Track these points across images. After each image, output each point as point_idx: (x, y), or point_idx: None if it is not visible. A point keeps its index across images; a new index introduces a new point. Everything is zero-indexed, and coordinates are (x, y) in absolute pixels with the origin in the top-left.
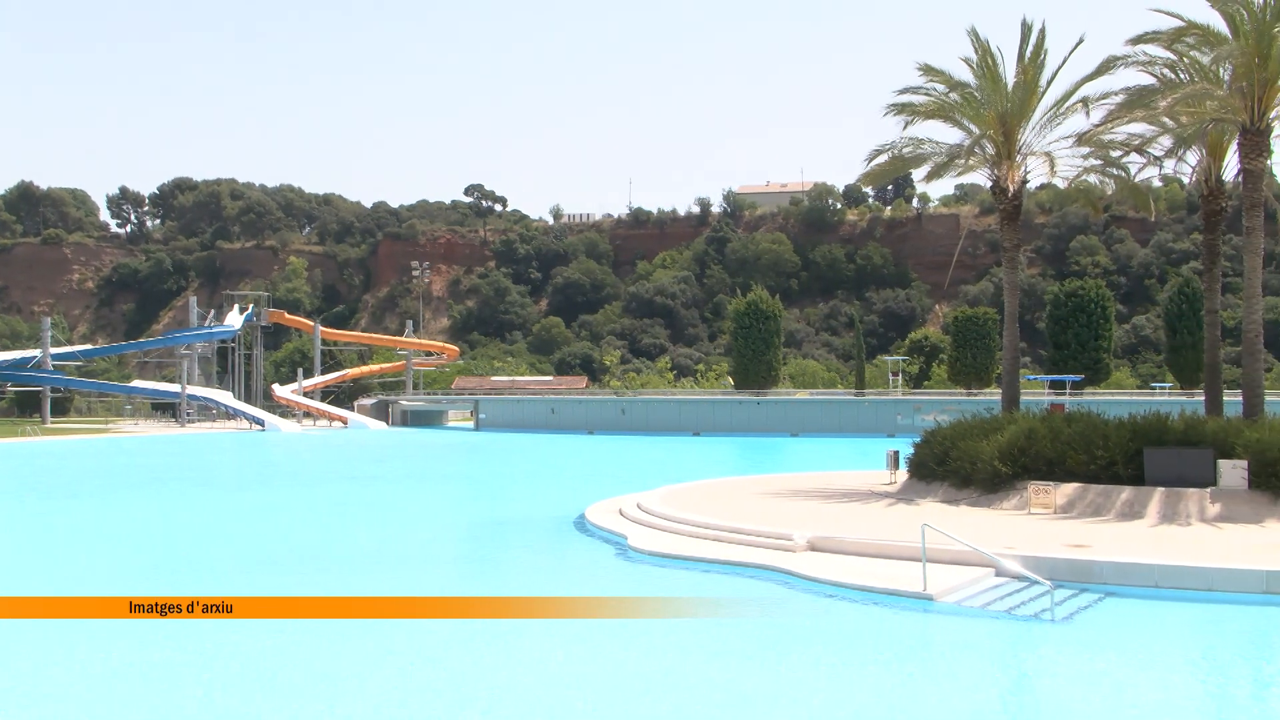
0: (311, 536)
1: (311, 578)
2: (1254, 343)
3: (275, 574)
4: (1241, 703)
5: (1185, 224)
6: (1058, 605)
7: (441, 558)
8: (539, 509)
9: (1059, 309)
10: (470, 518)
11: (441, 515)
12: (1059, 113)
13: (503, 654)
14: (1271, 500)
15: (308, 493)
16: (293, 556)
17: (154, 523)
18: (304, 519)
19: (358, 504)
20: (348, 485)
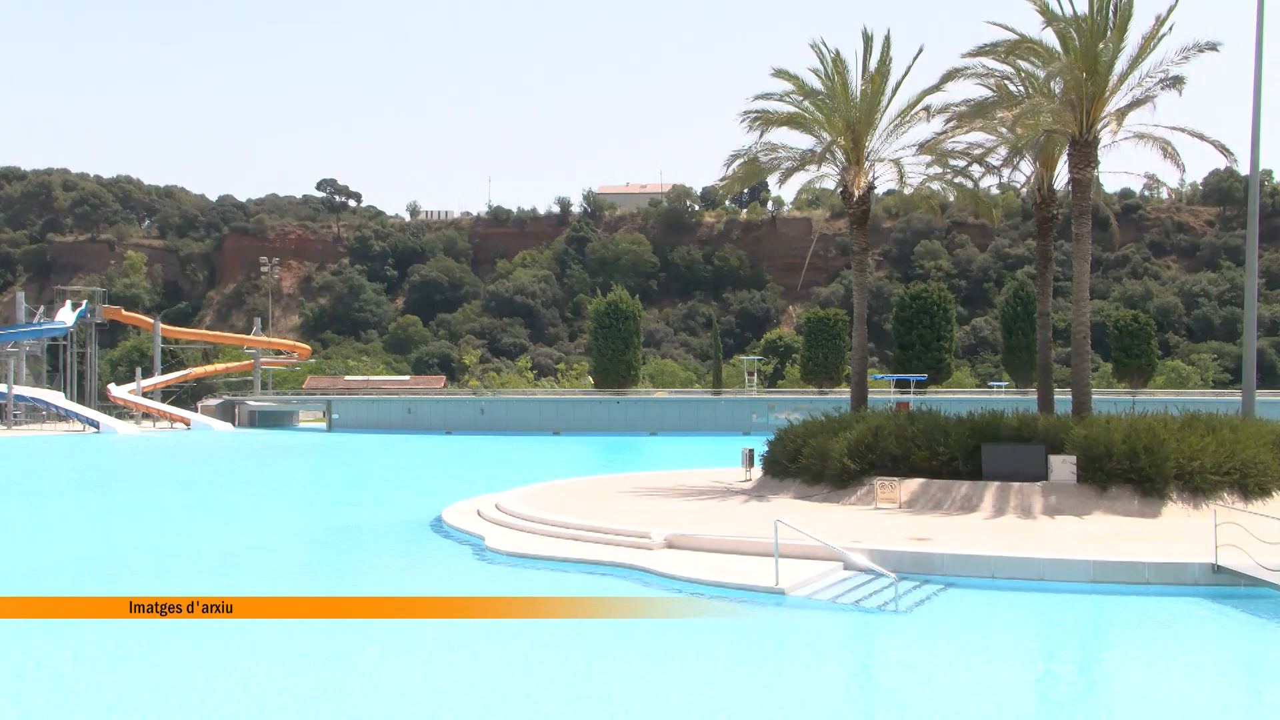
0: (140, 542)
1: (135, 586)
2: (1082, 344)
3: (98, 580)
4: (1069, 687)
5: (1020, 230)
6: (902, 597)
7: (288, 564)
8: (394, 511)
9: (904, 311)
10: (320, 522)
11: (288, 519)
12: (904, 121)
13: (352, 656)
14: (1098, 493)
15: (141, 497)
16: (116, 562)
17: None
18: (135, 524)
19: (196, 509)
20: (186, 489)
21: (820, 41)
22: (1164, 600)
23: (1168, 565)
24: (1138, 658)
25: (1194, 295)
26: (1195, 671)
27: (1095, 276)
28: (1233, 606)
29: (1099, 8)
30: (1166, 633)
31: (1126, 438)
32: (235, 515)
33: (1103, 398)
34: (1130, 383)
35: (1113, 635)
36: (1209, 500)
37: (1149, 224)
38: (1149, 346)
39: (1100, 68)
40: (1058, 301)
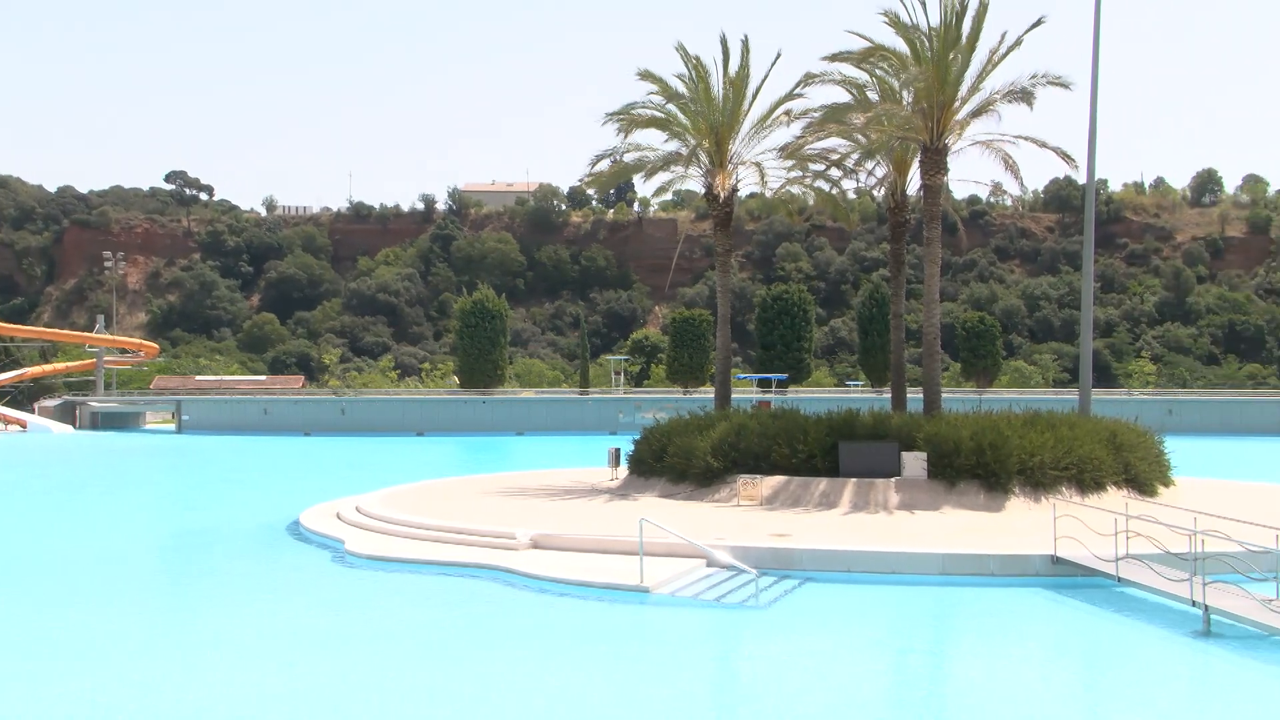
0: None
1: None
2: (932, 345)
3: None
4: (919, 676)
5: (876, 234)
6: (762, 592)
7: (133, 572)
8: (248, 515)
9: (766, 312)
10: (168, 527)
11: (134, 525)
12: (765, 125)
13: (203, 662)
14: (947, 488)
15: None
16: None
17: None
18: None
19: (31, 515)
20: (20, 493)
21: (682, 45)
22: (1008, 591)
23: (1011, 557)
24: (983, 646)
25: (1035, 298)
26: (1035, 658)
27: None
28: (1070, 595)
29: (950, 20)
30: (1009, 622)
31: (973, 435)
32: (76, 521)
33: (952, 396)
34: (977, 382)
35: (960, 625)
36: (1049, 494)
37: (994, 229)
38: (994, 347)
39: (950, 78)
40: (910, 303)
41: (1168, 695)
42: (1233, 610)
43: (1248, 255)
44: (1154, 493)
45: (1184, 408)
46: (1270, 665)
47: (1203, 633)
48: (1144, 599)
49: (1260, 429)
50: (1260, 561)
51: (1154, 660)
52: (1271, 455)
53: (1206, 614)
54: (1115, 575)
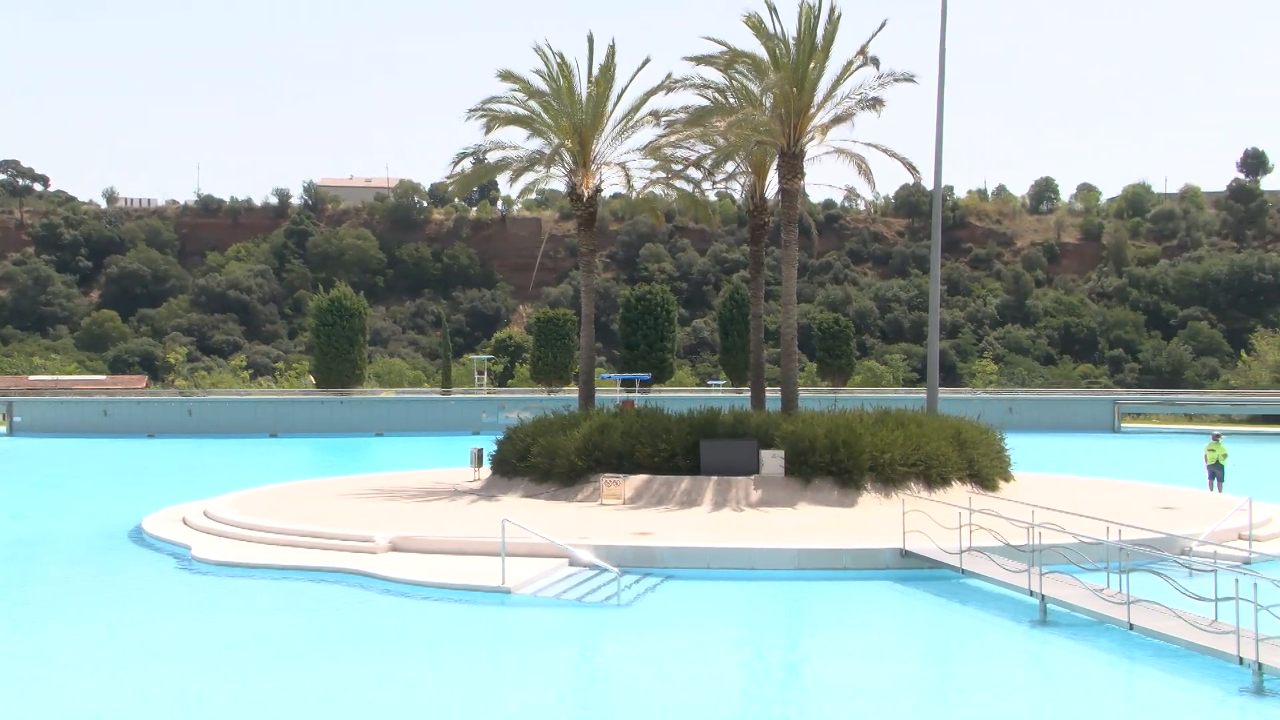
0: None
1: None
2: (790, 345)
3: None
4: (774, 668)
5: (736, 236)
6: (624, 590)
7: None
8: (86, 522)
9: (630, 311)
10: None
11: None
12: (628, 126)
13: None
14: (803, 485)
15: None
16: None
17: None
18: None
19: None
20: None
21: (545, 44)
22: (859, 584)
23: (863, 551)
24: (835, 639)
25: (887, 300)
26: (884, 649)
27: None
28: (917, 587)
29: (806, 28)
30: (860, 614)
31: (828, 433)
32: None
33: (809, 395)
34: (832, 381)
35: (814, 619)
36: (898, 490)
37: (849, 233)
38: (849, 347)
39: (807, 85)
40: (770, 304)
41: (1007, 682)
42: (1067, 599)
43: (1081, 260)
44: (995, 488)
45: (1023, 406)
46: (1101, 651)
47: (1040, 621)
48: (986, 589)
49: (1092, 426)
50: (1092, 552)
51: (994, 648)
52: (1103, 451)
53: (1043, 603)
54: (959, 567)
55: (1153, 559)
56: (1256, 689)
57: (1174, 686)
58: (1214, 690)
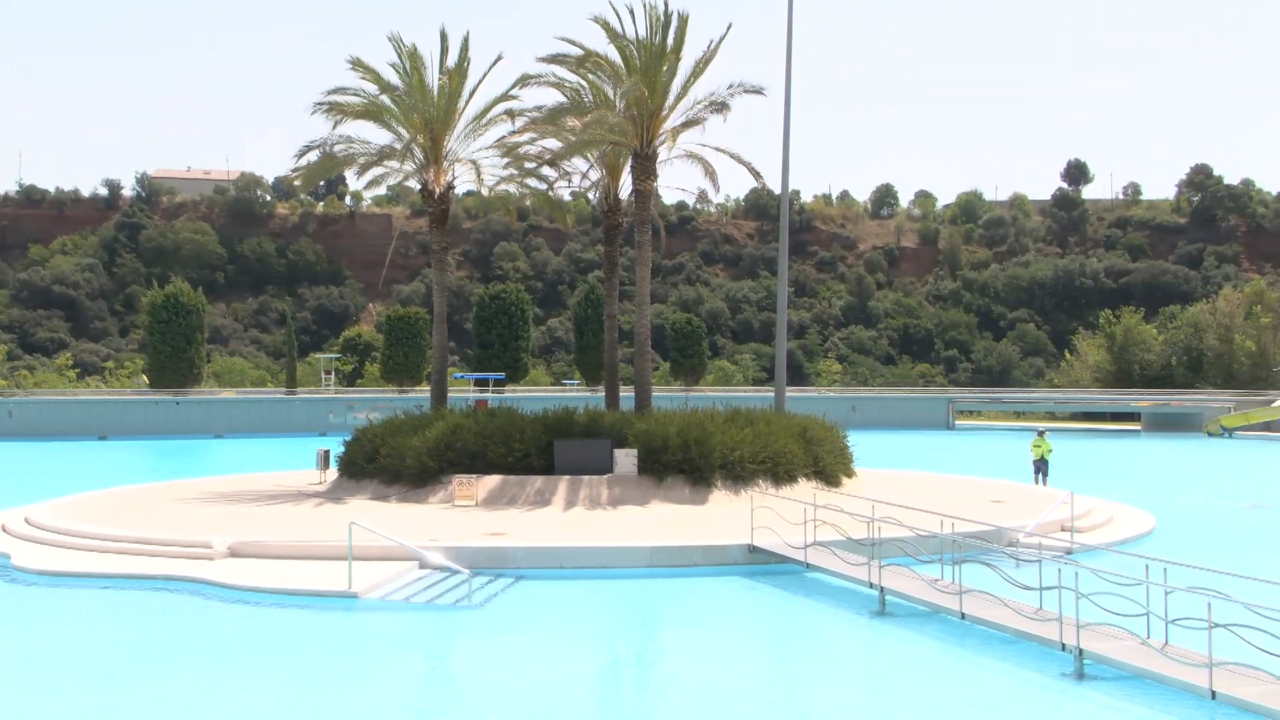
0: None
1: None
2: (643, 345)
3: None
4: (627, 665)
5: (592, 236)
6: (475, 592)
7: None
8: None
9: (484, 311)
10: None
11: None
12: (482, 123)
13: None
14: (656, 483)
15: None
16: None
17: None
18: None
19: None
20: None
21: (397, 36)
22: (710, 580)
23: (713, 548)
24: (685, 635)
25: (738, 301)
26: (731, 643)
27: (655, 282)
28: (764, 582)
29: (655, 32)
30: (710, 610)
31: (680, 432)
32: None
33: (662, 395)
34: (685, 381)
35: (665, 615)
36: (747, 487)
37: (700, 235)
38: (701, 347)
39: (658, 87)
40: (624, 304)
41: (846, 672)
42: (904, 590)
43: (919, 264)
44: (839, 484)
45: (865, 404)
46: (935, 639)
47: (879, 612)
48: (830, 583)
49: (929, 423)
50: (928, 545)
51: (835, 640)
52: (938, 447)
53: (882, 595)
54: (805, 562)
55: (983, 550)
56: (1078, 673)
57: (1002, 673)
58: (1039, 675)
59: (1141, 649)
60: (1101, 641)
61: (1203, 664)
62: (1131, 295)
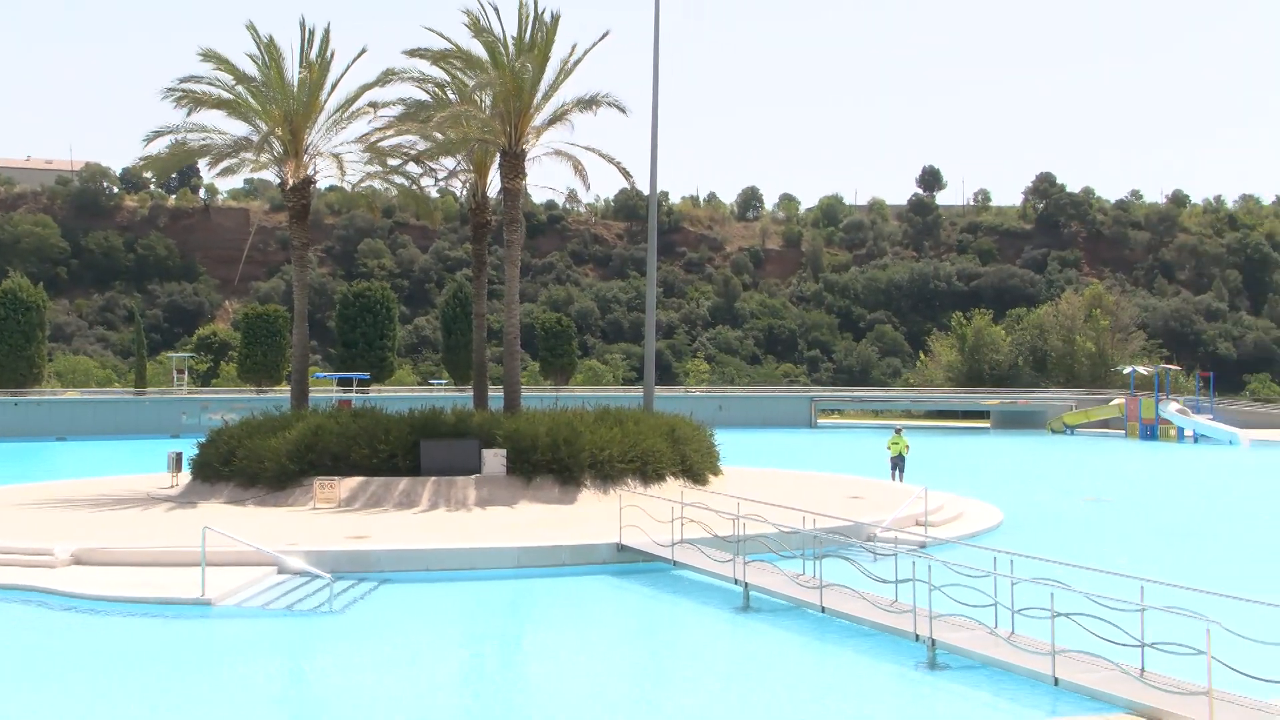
0: None
1: None
2: (513, 344)
3: None
4: (492, 667)
5: (459, 234)
6: (337, 597)
7: None
8: None
9: (348, 309)
10: None
11: None
12: (344, 117)
13: None
14: (525, 483)
15: None
16: None
17: None
18: None
19: None
20: None
21: (253, 25)
22: (578, 579)
23: (581, 547)
24: (553, 636)
25: (607, 301)
26: (599, 642)
27: (525, 281)
28: (632, 580)
29: (524, 28)
30: (578, 609)
31: (550, 431)
32: None
33: (531, 394)
34: (555, 380)
35: (533, 616)
36: (616, 486)
37: (571, 234)
38: (571, 347)
39: (526, 85)
40: (493, 303)
41: (711, 668)
42: (768, 586)
43: (783, 266)
44: (706, 482)
45: (731, 403)
46: (796, 634)
47: (743, 608)
48: (696, 579)
49: (792, 422)
50: (791, 541)
51: (701, 636)
52: (801, 445)
53: (746, 591)
54: (672, 560)
55: (843, 545)
56: (930, 663)
57: (859, 664)
58: (894, 666)
59: (990, 638)
60: (952, 632)
61: (1046, 652)
62: (982, 298)
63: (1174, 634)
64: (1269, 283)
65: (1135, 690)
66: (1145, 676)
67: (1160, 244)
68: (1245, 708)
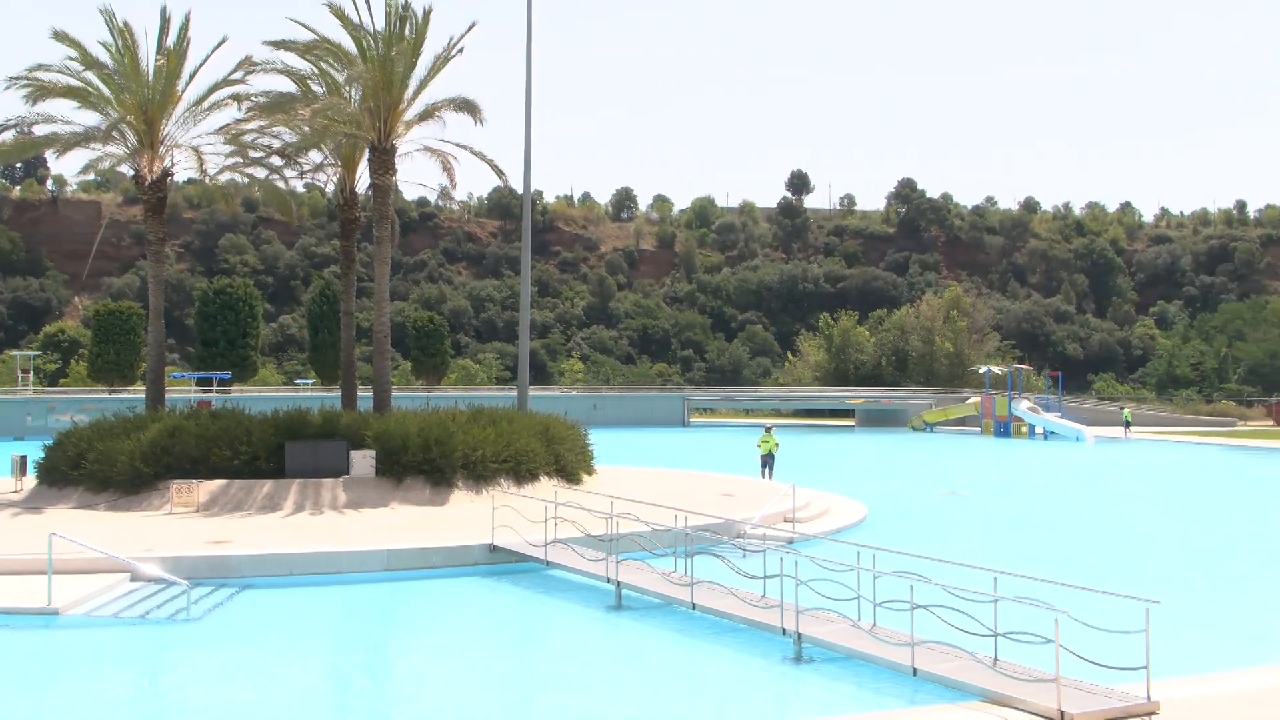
0: None
1: None
2: (383, 343)
3: None
4: (357, 672)
5: (327, 230)
6: (194, 604)
7: None
8: None
9: (208, 306)
10: None
11: None
12: (204, 108)
13: None
14: (395, 485)
15: None
16: None
17: None
18: None
19: None
20: None
21: (109, 10)
22: (450, 581)
23: (453, 549)
24: (423, 639)
25: (481, 300)
26: (470, 645)
27: (396, 279)
28: (505, 581)
29: (394, 22)
30: (449, 612)
31: (421, 432)
32: None
33: (402, 394)
34: (427, 380)
35: (402, 619)
36: (489, 486)
37: (443, 232)
38: (443, 346)
39: (396, 80)
40: (362, 301)
41: (582, 666)
42: (640, 584)
43: (657, 266)
44: (579, 481)
45: (606, 403)
46: (667, 631)
47: (615, 607)
48: (569, 579)
49: (666, 421)
50: (663, 539)
51: (573, 635)
52: (675, 443)
53: (619, 589)
54: (545, 559)
55: (713, 542)
56: (796, 657)
57: (728, 660)
58: (761, 660)
59: (853, 631)
60: (818, 625)
61: (906, 643)
62: (847, 299)
63: (1025, 623)
64: (1113, 286)
65: (989, 679)
66: (998, 665)
67: (1013, 249)
68: (1090, 693)
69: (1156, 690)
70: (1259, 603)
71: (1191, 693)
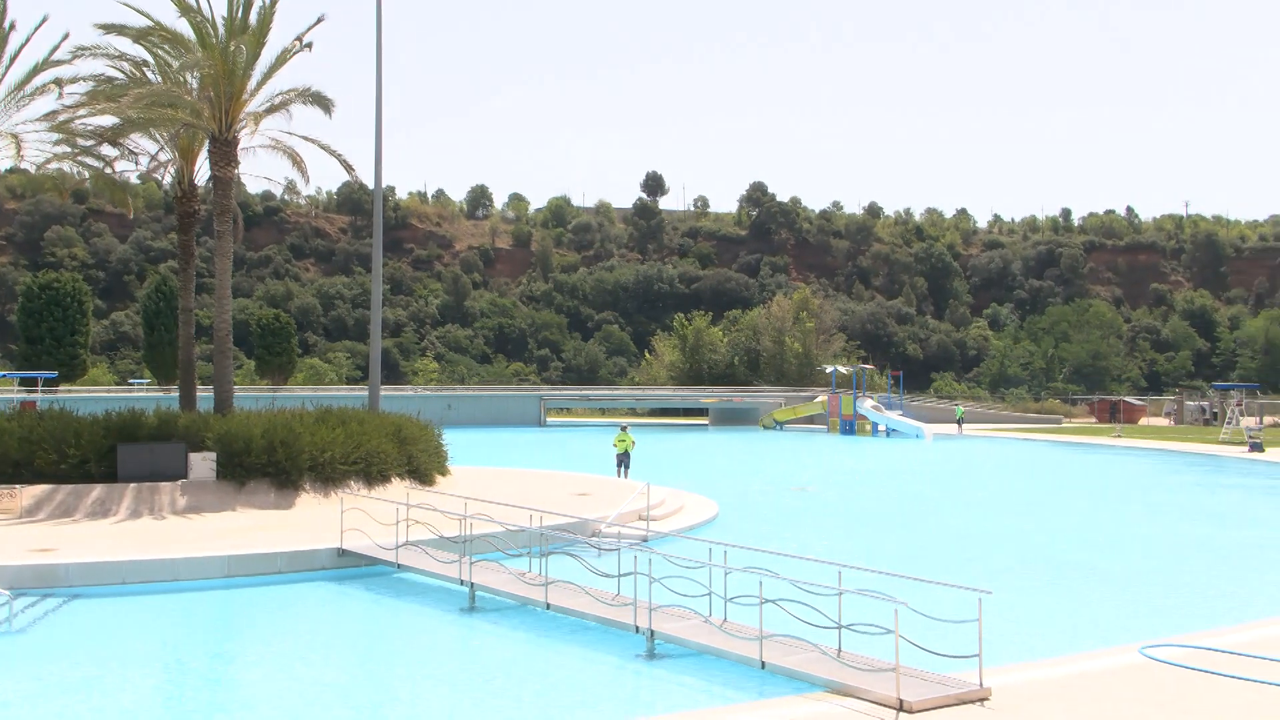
0: None
1: None
2: (224, 341)
3: None
4: (193, 683)
5: (164, 223)
6: (17, 616)
7: None
8: None
9: (33, 302)
10: None
11: None
12: (24, 93)
13: None
14: (237, 489)
15: None
16: None
17: None
18: None
19: None
20: None
21: None
22: (295, 587)
23: (299, 553)
24: (264, 647)
25: (331, 297)
26: (316, 651)
27: (239, 275)
28: (354, 586)
29: (236, 10)
30: (294, 618)
31: (265, 433)
32: None
33: (245, 394)
34: (272, 379)
35: (243, 627)
36: (338, 488)
37: (290, 227)
38: (290, 345)
39: (239, 69)
40: (202, 298)
41: (433, 669)
42: (493, 585)
43: (513, 265)
44: (433, 482)
45: (461, 403)
46: (521, 632)
47: (468, 608)
48: (421, 582)
49: (522, 421)
50: (517, 539)
51: (424, 639)
52: (531, 443)
53: (472, 591)
54: (396, 562)
55: (568, 541)
56: (649, 654)
57: (581, 658)
58: (615, 658)
59: (704, 627)
60: (670, 622)
61: (754, 638)
62: (701, 300)
63: (868, 615)
64: (950, 289)
65: (833, 670)
66: (842, 656)
67: (858, 252)
68: (927, 681)
69: (989, 678)
70: (1083, 591)
71: (1021, 679)
